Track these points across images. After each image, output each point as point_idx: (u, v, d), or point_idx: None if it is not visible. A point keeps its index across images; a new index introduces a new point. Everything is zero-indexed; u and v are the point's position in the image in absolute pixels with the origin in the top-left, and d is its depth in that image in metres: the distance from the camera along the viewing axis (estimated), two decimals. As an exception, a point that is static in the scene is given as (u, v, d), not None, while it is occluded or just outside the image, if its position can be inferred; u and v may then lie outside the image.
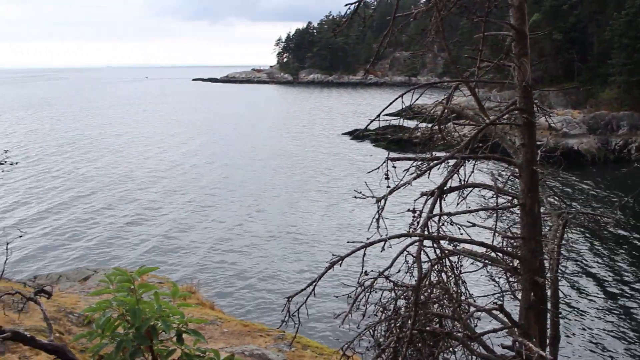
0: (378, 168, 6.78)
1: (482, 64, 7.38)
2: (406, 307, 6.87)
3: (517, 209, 7.53)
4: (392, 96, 6.93)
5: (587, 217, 8.76)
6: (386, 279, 6.70)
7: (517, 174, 7.55)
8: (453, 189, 7.33)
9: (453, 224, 7.12)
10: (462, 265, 7.30)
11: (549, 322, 7.78)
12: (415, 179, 6.83)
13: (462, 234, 7.09)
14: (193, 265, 26.58)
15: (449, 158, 7.02)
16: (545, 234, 8.01)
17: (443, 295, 7.10)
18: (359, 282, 6.59)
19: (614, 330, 20.37)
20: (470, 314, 7.30)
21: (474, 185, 7.62)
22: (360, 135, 61.83)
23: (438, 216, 6.85)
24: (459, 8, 7.04)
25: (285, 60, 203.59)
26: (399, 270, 6.74)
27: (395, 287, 6.89)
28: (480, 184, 7.73)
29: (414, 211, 6.81)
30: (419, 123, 8.28)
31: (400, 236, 6.40)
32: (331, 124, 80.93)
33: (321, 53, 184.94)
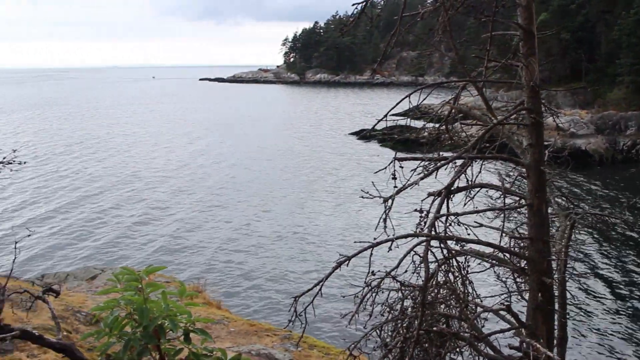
0: (385, 168, 6.77)
1: (490, 64, 7.36)
2: (413, 307, 6.87)
3: (524, 209, 7.50)
4: (399, 96, 6.93)
5: (595, 218, 8.72)
6: (393, 279, 6.69)
7: (524, 174, 7.52)
8: (460, 189, 7.32)
9: (460, 224, 7.11)
10: (469, 266, 7.29)
11: (556, 322, 7.75)
12: (422, 179, 6.82)
13: (469, 234, 7.08)
14: (200, 265, 26.64)
15: (456, 158, 7.01)
16: (552, 235, 7.98)
17: (450, 296, 7.09)
18: (365, 282, 6.58)
19: (621, 331, 20.27)
20: (477, 314, 7.29)
21: (482, 186, 7.61)
22: (367, 135, 61.81)
23: (445, 216, 6.84)
24: (466, 8, 7.03)
25: (292, 60, 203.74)
26: (405, 271, 6.74)
27: (402, 287, 6.89)
28: (487, 184, 7.71)
29: (421, 211, 6.81)
30: (426, 123, 8.27)
31: (407, 236, 6.40)
32: (338, 124, 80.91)
33: (328, 53, 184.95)
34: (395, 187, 6.67)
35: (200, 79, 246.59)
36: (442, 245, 6.63)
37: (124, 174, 47.35)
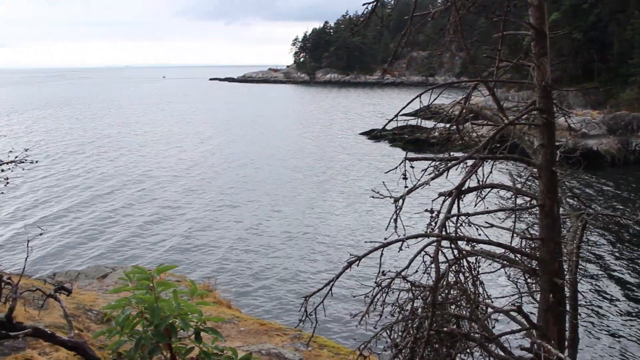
0: (396, 168, 6.76)
1: (501, 64, 7.33)
2: (423, 308, 6.84)
3: (535, 210, 7.46)
4: (409, 96, 6.92)
5: (607, 219, 8.67)
6: (403, 279, 6.68)
7: (536, 175, 7.48)
8: (471, 190, 7.28)
9: (471, 225, 7.08)
10: (479, 266, 7.26)
11: (567, 324, 7.71)
12: (433, 179, 6.79)
13: (480, 234, 7.05)
14: (210, 264, 26.73)
15: (468, 158, 6.98)
16: (564, 236, 7.94)
17: (460, 296, 7.06)
18: (376, 282, 6.57)
19: (633, 333, 20.11)
20: (488, 315, 7.26)
21: (493, 186, 7.57)
22: (377, 135, 61.75)
23: (456, 217, 6.82)
24: (477, 7, 7.00)
25: (302, 60, 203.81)
26: (416, 271, 6.72)
27: (412, 288, 6.87)
28: (498, 185, 7.67)
29: (432, 211, 6.78)
30: (437, 123, 8.24)
31: (417, 236, 6.38)
32: (349, 124, 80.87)
33: (338, 53, 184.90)
34: (406, 187, 6.65)
35: (211, 79, 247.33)
36: (452, 246, 6.61)
37: (135, 174, 47.58)
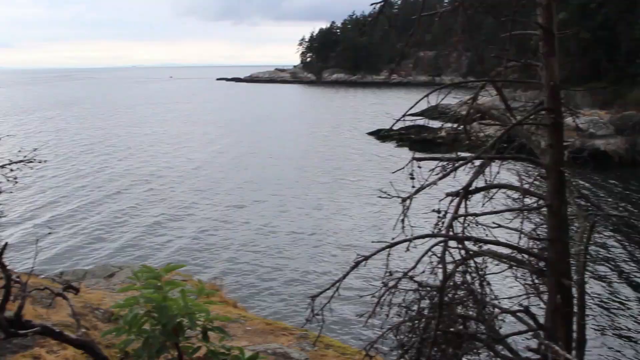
0: (403, 168, 6.76)
1: (509, 64, 7.32)
2: (430, 308, 6.84)
3: (543, 210, 7.44)
4: (416, 96, 6.91)
5: (615, 219, 8.63)
6: (410, 279, 6.68)
7: (543, 175, 7.46)
8: (478, 190, 7.27)
9: (478, 225, 7.07)
10: (487, 267, 7.24)
11: (575, 325, 7.68)
12: (440, 179, 6.79)
13: (487, 235, 7.04)
14: (217, 264, 26.77)
15: (475, 158, 6.97)
16: (572, 236, 7.91)
17: (467, 297, 7.05)
18: (383, 282, 6.58)
19: (642, 334, 20.00)
20: (495, 315, 7.24)
21: (500, 186, 7.55)
22: (385, 135, 61.67)
23: (463, 217, 6.81)
24: (485, 7, 6.99)
25: (308, 60, 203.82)
26: (423, 271, 6.71)
27: (419, 288, 6.87)
28: (506, 185, 7.65)
29: (439, 212, 6.78)
30: (444, 123, 8.23)
31: (424, 236, 6.38)
32: (357, 124, 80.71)
33: (345, 53, 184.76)
34: (413, 187, 6.66)
35: (217, 79, 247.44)
36: (459, 246, 6.60)
37: (144, 174, 47.70)
